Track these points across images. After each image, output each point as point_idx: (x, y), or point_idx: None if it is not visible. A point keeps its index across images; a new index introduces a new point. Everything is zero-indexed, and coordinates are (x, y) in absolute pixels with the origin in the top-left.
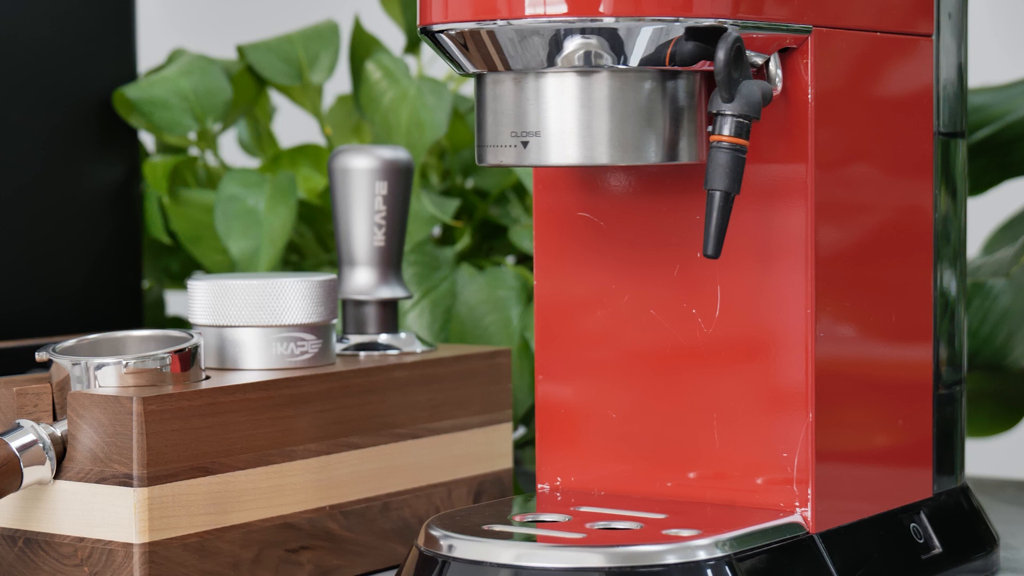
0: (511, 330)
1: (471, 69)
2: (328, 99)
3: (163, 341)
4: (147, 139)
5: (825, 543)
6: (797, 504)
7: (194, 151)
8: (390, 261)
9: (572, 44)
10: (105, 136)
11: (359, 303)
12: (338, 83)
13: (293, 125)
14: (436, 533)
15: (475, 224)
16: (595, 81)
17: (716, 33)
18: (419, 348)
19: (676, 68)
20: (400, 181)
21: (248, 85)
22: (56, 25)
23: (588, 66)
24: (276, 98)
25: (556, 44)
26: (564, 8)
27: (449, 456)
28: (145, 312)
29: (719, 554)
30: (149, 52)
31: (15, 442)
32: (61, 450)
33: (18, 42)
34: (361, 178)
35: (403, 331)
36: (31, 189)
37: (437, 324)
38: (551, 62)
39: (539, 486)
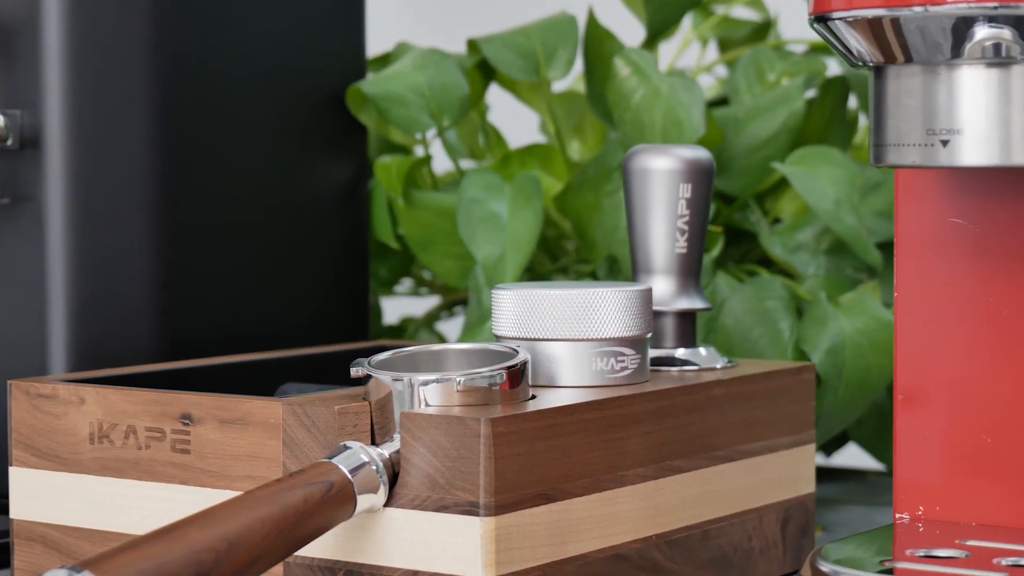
0: (783, 344)
1: (868, 61)
2: None
3: (486, 356)
4: None
5: None
6: None
7: (418, 150)
8: (690, 269)
9: (984, 33)
10: (335, 134)
11: (656, 314)
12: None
13: (501, 122)
14: (827, 568)
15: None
16: (1015, 75)
17: None
18: (720, 363)
19: None
20: (703, 183)
21: (475, 81)
22: (286, 19)
23: (998, 57)
24: (491, 95)
25: (966, 34)
26: None
27: (759, 480)
28: None
29: None
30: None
31: (345, 465)
32: (392, 474)
33: (250, 37)
34: (663, 180)
35: (702, 345)
36: (265, 191)
37: (699, 336)
38: (956, 53)
39: (897, 515)
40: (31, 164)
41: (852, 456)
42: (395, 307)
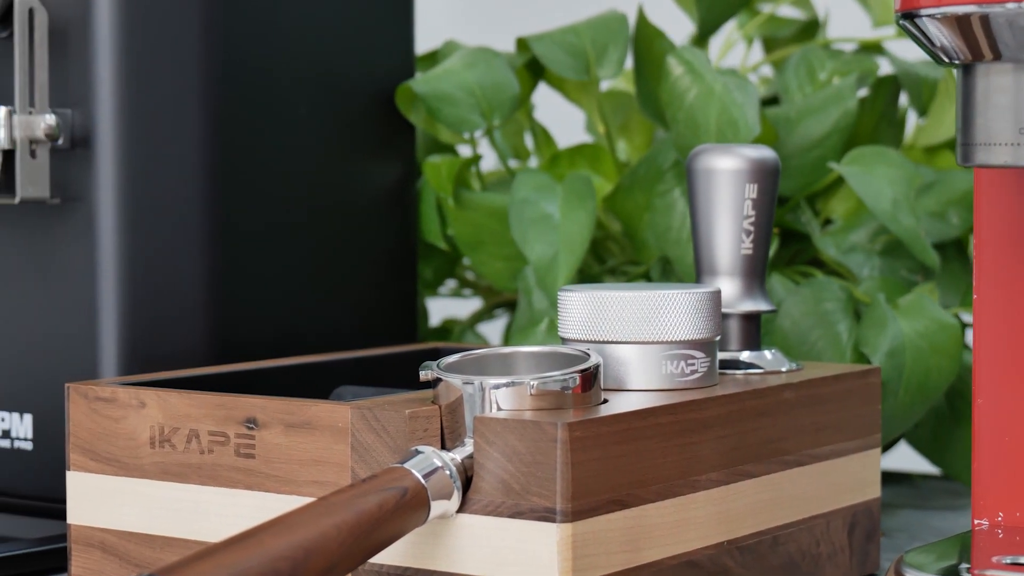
0: (841, 346)
1: (956, 58)
2: None
3: (557, 359)
4: None
5: None
6: None
7: (464, 149)
8: (755, 271)
9: None
10: (384, 133)
11: (722, 316)
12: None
13: (544, 121)
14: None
15: None
16: None
17: None
18: (785, 367)
19: None
20: (769, 183)
21: (524, 79)
22: (336, 17)
23: None
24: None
25: None
26: None
27: (827, 484)
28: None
29: None
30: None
31: (419, 470)
32: (464, 479)
33: (300, 35)
34: (729, 180)
35: (766, 348)
36: (315, 191)
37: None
38: None
39: (976, 522)
40: (82, 164)
41: (897, 459)
42: (434, 309)
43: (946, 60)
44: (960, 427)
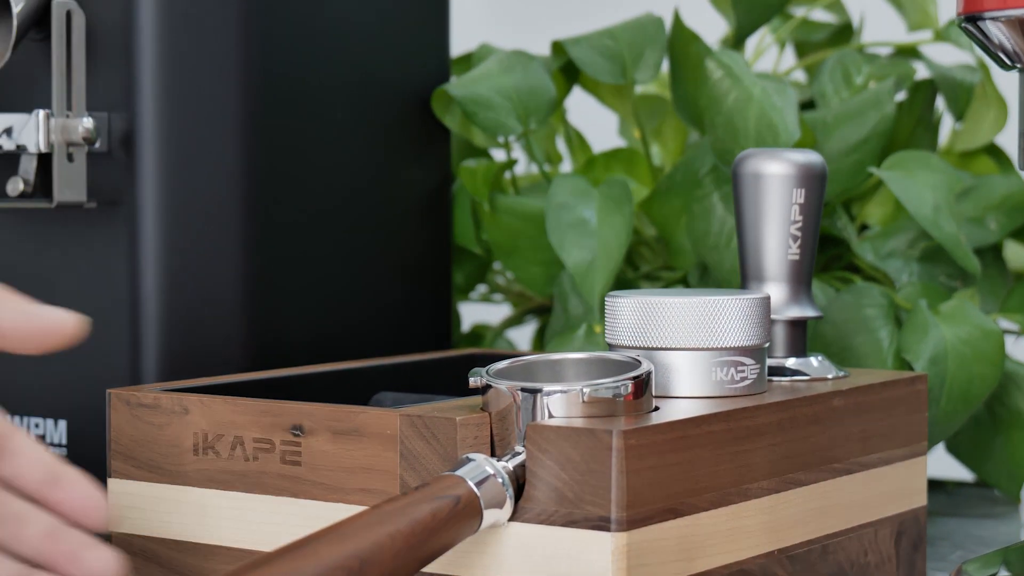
0: (883, 353)
1: (1020, 62)
2: None
3: (607, 366)
4: None
5: None
6: None
7: (497, 153)
8: (802, 277)
9: None
10: (420, 137)
11: None
12: None
13: (576, 125)
14: None
15: None
16: None
17: None
18: (831, 374)
19: None
20: (817, 188)
21: (559, 83)
22: (373, 22)
23: None
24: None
25: None
26: None
27: (875, 493)
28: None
29: None
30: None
31: (471, 478)
32: (517, 487)
33: (338, 40)
34: (777, 185)
35: (812, 354)
36: (354, 195)
37: None
38: None
39: None
40: (120, 167)
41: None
42: (464, 314)
43: (1008, 63)
44: (1000, 434)
